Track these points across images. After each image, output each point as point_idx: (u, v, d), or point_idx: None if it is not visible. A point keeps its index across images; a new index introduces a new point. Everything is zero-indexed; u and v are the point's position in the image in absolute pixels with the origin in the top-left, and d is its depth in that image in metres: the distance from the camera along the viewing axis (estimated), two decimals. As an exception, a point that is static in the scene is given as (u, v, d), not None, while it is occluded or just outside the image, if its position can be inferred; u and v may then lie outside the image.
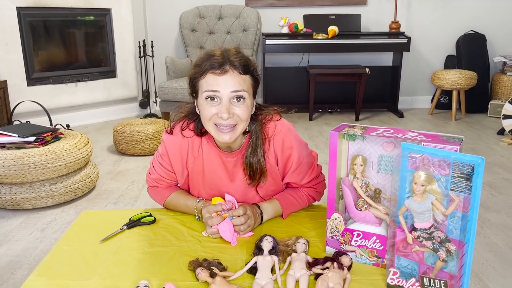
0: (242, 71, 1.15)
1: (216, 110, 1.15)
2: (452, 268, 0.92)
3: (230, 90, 1.14)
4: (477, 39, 4.74)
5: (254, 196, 1.33)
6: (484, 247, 2.02)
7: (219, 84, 1.13)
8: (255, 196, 1.33)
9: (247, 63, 1.17)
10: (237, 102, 1.16)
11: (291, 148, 1.27)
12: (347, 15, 4.64)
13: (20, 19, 3.86)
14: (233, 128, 1.17)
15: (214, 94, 1.14)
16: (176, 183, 1.45)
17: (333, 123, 4.42)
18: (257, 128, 1.24)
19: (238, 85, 1.14)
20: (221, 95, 1.14)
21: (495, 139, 3.76)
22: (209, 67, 1.14)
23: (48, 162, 2.38)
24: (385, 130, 1.07)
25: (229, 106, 1.14)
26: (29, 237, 2.16)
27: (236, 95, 1.15)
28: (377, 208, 1.07)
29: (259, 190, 1.31)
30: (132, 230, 1.30)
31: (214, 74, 1.14)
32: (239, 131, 1.18)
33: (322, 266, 1.02)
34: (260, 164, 1.24)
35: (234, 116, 1.15)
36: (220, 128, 1.17)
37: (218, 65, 1.14)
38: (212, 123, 1.17)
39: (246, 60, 1.18)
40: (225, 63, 1.14)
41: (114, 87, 4.56)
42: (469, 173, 0.87)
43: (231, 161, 1.29)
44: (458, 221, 0.90)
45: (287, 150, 1.27)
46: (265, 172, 1.26)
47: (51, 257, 1.17)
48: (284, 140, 1.26)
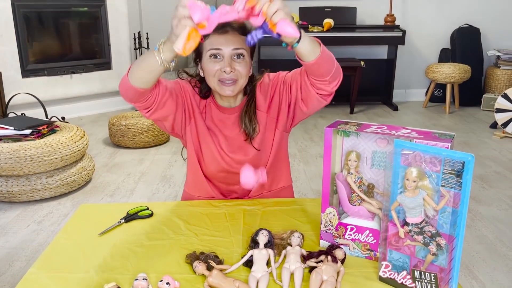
0: (240, 32, 1.28)
1: (220, 66, 1.27)
2: (442, 261, 0.95)
3: (232, 47, 1.26)
4: (472, 32, 4.77)
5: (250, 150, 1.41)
6: (475, 240, 2.07)
7: (221, 43, 1.26)
8: (251, 150, 1.41)
9: (245, 26, 1.31)
10: (238, 59, 1.28)
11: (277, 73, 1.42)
12: (342, 8, 4.65)
13: (14, 11, 3.84)
14: (235, 82, 1.29)
15: (217, 52, 1.27)
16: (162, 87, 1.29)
17: (328, 116, 4.45)
18: (253, 91, 1.39)
19: (238, 43, 1.27)
20: (223, 52, 1.26)
21: (487, 133, 3.81)
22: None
23: (44, 155, 2.39)
24: (378, 126, 1.09)
25: (231, 62, 1.27)
26: (26, 229, 2.18)
27: (236, 53, 1.27)
28: (370, 203, 1.10)
29: (254, 143, 1.40)
30: (129, 223, 1.32)
31: (217, 34, 1.26)
32: (240, 85, 1.30)
33: (316, 259, 1.05)
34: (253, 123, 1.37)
35: (235, 71, 1.28)
36: (223, 83, 1.29)
37: (220, 26, 1.20)
38: (216, 79, 1.28)
39: (244, 24, 1.31)
40: (226, 25, 1.26)
41: (109, 79, 4.55)
42: (460, 170, 0.90)
43: (231, 117, 1.40)
44: (448, 216, 0.93)
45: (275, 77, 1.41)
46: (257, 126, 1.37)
47: (51, 250, 1.18)
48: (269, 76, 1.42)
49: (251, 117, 1.38)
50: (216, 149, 1.42)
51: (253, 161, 1.42)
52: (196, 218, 1.34)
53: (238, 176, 1.43)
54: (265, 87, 1.41)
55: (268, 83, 1.41)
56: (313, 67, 1.17)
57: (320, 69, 1.19)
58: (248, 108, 1.39)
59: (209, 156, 1.43)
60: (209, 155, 1.43)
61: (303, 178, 2.78)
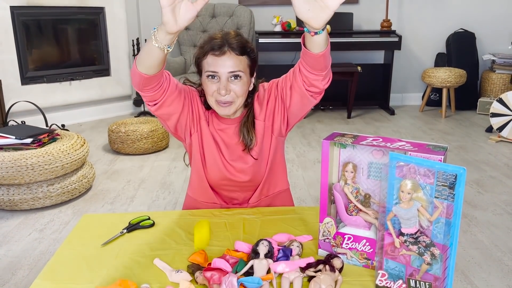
0: (239, 52, 1.30)
1: (216, 87, 1.30)
2: (436, 270, 0.98)
3: (228, 70, 1.29)
4: (467, 37, 4.82)
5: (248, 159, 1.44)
6: (470, 245, 2.10)
7: (217, 65, 1.28)
8: (250, 158, 1.44)
9: (244, 45, 1.31)
10: (234, 80, 1.30)
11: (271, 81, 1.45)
12: (339, 14, 4.69)
13: (13, 18, 3.87)
14: (230, 104, 1.32)
15: (213, 73, 1.30)
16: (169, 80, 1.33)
17: (326, 120, 4.48)
18: (251, 103, 1.42)
19: (234, 66, 1.29)
20: (220, 74, 1.29)
21: (483, 137, 3.85)
22: (210, 49, 1.29)
23: (45, 164, 2.42)
24: (374, 138, 1.12)
25: (226, 84, 1.29)
26: (28, 237, 2.21)
27: (233, 75, 1.29)
28: (366, 213, 1.13)
29: (252, 152, 1.43)
30: (132, 233, 1.35)
31: (214, 56, 1.29)
32: (237, 105, 1.34)
33: (314, 269, 1.08)
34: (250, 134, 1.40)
35: (231, 93, 1.30)
36: (220, 103, 1.32)
37: (217, 47, 1.28)
38: (214, 99, 1.32)
39: (243, 42, 1.32)
40: (224, 45, 1.28)
41: (108, 86, 4.58)
42: (452, 182, 0.93)
43: (232, 127, 1.43)
44: (442, 226, 0.96)
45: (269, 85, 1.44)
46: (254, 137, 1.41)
47: (55, 260, 1.21)
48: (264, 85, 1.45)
49: (248, 129, 1.41)
50: (219, 157, 1.46)
51: (252, 169, 1.46)
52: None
53: (239, 184, 1.47)
54: (261, 97, 1.44)
55: (263, 93, 1.44)
56: (320, 59, 1.16)
57: (323, 61, 1.19)
58: (246, 119, 1.42)
59: (213, 164, 1.46)
60: (213, 163, 1.46)
61: (301, 184, 2.81)
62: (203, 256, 1.17)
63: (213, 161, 1.46)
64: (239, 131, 1.42)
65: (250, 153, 1.44)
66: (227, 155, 1.46)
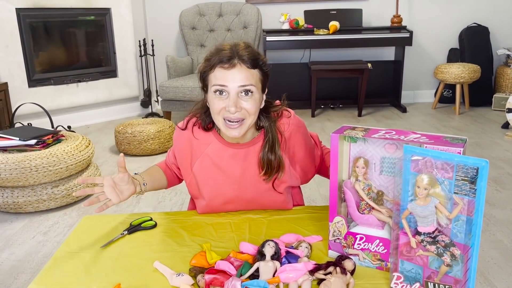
0: (250, 65, 1.16)
1: (224, 104, 1.16)
2: (457, 272, 0.90)
3: (238, 84, 1.15)
4: (480, 31, 4.70)
5: (267, 190, 1.31)
6: (490, 245, 2.01)
7: (227, 79, 1.14)
8: (269, 189, 1.30)
9: (255, 57, 1.17)
10: (245, 96, 1.16)
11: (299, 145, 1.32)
12: (348, 10, 4.61)
13: (19, 21, 3.85)
14: (241, 123, 1.18)
15: (222, 88, 1.16)
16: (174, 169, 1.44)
17: (336, 119, 4.40)
18: (272, 126, 1.26)
19: (245, 79, 1.15)
20: (229, 89, 1.15)
21: (499, 133, 3.73)
22: (218, 61, 1.16)
23: (49, 165, 2.38)
24: (386, 131, 1.05)
25: (236, 100, 1.15)
26: (31, 240, 2.16)
27: (243, 89, 1.15)
28: (379, 211, 1.05)
29: (275, 185, 1.30)
30: (132, 235, 1.29)
31: (223, 68, 1.15)
32: (247, 125, 1.19)
33: (324, 271, 1.01)
34: (278, 160, 1.26)
35: (242, 110, 1.16)
36: (228, 123, 1.18)
37: (226, 59, 1.15)
38: (221, 117, 1.18)
39: (255, 54, 1.18)
40: (234, 57, 1.15)
41: (115, 87, 4.55)
42: (473, 176, 0.85)
43: (241, 153, 1.28)
44: (463, 224, 0.88)
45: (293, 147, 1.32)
46: (283, 167, 1.27)
47: (52, 264, 1.16)
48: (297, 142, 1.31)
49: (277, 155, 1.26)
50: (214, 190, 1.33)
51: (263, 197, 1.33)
52: (201, 228, 1.30)
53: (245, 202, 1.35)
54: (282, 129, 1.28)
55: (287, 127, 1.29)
56: None
57: None
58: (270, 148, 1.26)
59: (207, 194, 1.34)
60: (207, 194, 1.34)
61: (311, 184, 2.74)
62: (205, 258, 1.10)
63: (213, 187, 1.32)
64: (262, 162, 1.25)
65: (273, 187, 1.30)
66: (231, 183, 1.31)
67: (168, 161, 1.45)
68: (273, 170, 1.26)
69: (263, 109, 1.26)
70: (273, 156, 1.24)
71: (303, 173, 1.39)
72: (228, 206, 1.36)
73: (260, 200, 1.33)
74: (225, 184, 1.31)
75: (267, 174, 1.26)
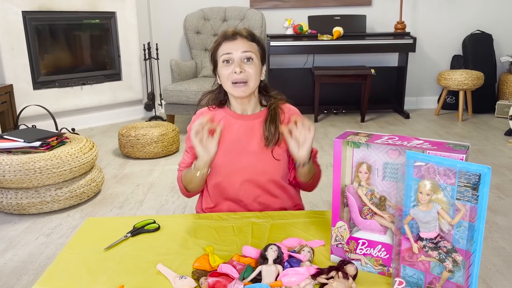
0: (250, 38, 1.44)
1: (231, 69, 1.40)
2: (459, 278, 0.91)
3: (241, 50, 1.40)
4: (484, 38, 4.71)
5: (268, 158, 1.46)
6: (492, 252, 2.00)
7: (231, 48, 1.40)
8: (270, 158, 1.46)
9: (253, 34, 1.46)
10: (247, 62, 1.41)
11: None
12: (352, 16, 4.62)
13: (25, 23, 3.88)
14: (246, 84, 1.40)
15: (228, 56, 1.40)
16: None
17: (339, 124, 4.41)
18: (275, 104, 1.50)
19: (246, 47, 1.41)
20: (234, 56, 1.40)
21: (502, 140, 3.73)
22: (223, 38, 1.44)
23: (53, 167, 2.39)
24: (389, 137, 1.05)
25: (240, 63, 1.39)
26: (34, 242, 2.17)
27: (245, 56, 1.40)
28: (382, 216, 1.06)
29: (274, 153, 1.46)
30: (136, 237, 1.30)
31: (228, 41, 1.42)
32: (251, 87, 1.41)
33: (326, 276, 1.01)
34: (277, 131, 1.45)
35: (245, 72, 1.39)
36: (235, 84, 1.40)
37: (230, 34, 1.43)
38: (230, 81, 1.40)
39: (252, 32, 1.47)
40: (236, 34, 1.43)
41: (120, 90, 4.57)
42: (476, 183, 0.86)
43: (248, 124, 1.48)
44: (465, 231, 0.89)
45: None
46: (281, 137, 1.45)
47: (55, 266, 1.16)
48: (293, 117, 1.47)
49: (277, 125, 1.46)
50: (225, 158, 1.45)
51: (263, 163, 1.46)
52: (204, 231, 1.31)
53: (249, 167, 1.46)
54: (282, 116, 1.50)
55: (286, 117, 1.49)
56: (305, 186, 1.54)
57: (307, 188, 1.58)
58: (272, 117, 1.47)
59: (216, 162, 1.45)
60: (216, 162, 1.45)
61: (313, 188, 2.74)
62: (208, 261, 1.11)
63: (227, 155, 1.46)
64: (264, 129, 1.46)
65: (272, 154, 1.45)
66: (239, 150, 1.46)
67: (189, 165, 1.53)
68: (273, 139, 1.45)
69: (264, 89, 1.51)
70: (274, 127, 1.45)
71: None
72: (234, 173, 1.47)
73: (260, 165, 1.47)
74: (232, 149, 1.46)
75: (268, 142, 1.45)
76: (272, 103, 1.50)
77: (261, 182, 1.47)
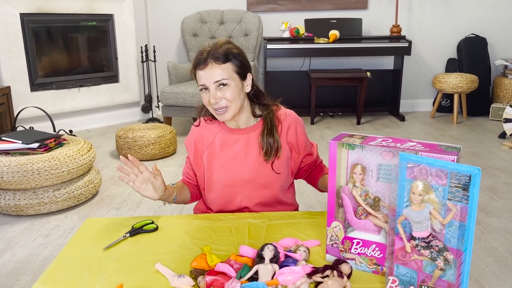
0: (221, 61, 1.36)
1: (209, 98, 1.37)
2: (450, 276, 0.93)
3: (213, 81, 1.35)
4: (478, 42, 4.76)
5: (268, 173, 1.45)
6: (485, 252, 2.03)
7: (203, 78, 1.36)
8: (270, 172, 1.44)
9: (226, 53, 1.36)
10: (222, 87, 1.36)
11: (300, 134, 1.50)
12: (348, 19, 4.66)
13: (23, 25, 3.89)
14: (226, 109, 1.38)
15: (202, 86, 1.38)
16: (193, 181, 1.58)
17: (335, 127, 4.44)
18: (270, 114, 1.46)
19: (218, 75, 1.35)
20: (208, 86, 1.36)
21: (496, 143, 3.77)
22: (196, 65, 1.38)
23: (51, 169, 2.40)
24: (383, 139, 1.08)
25: (215, 93, 1.36)
26: (33, 243, 2.18)
27: (218, 84, 1.35)
28: (376, 216, 1.08)
29: (274, 166, 1.45)
30: (134, 237, 1.32)
31: (200, 70, 1.37)
32: (233, 109, 1.38)
33: (322, 275, 1.03)
34: (276, 143, 1.43)
35: (222, 100, 1.36)
36: (217, 111, 1.39)
37: (201, 61, 1.36)
38: (211, 108, 1.40)
39: (227, 51, 1.37)
40: (207, 58, 1.35)
41: (117, 92, 4.59)
42: (466, 183, 0.89)
43: (244, 138, 1.45)
44: (456, 230, 0.91)
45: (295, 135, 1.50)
46: (281, 149, 1.44)
47: (56, 265, 1.18)
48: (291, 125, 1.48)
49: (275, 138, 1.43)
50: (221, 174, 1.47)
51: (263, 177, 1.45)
52: (202, 231, 1.33)
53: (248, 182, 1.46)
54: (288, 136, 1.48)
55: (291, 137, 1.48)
56: None
57: None
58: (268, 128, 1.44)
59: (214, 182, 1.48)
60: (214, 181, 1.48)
61: (309, 190, 2.77)
62: (206, 260, 1.13)
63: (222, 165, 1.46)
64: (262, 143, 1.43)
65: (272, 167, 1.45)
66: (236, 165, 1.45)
67: (187, 174, 1.58)
68: (272, 152, 1.43)
69: (256, 98, 1.46)
70: (272, 139, 1.42)
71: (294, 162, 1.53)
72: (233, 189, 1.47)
73: (260, 180, 1.45)
74: (231, 165, 1.45)
75: (267, 156, 1.43)
76: (268, 113, 1.45)
77: (261, 197, 1.47)
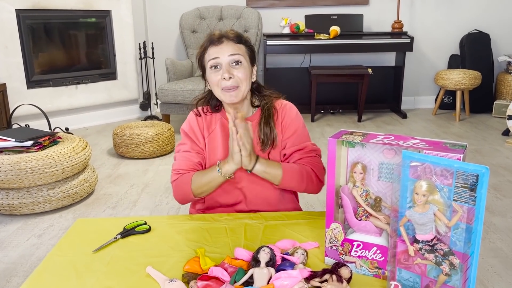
0: (236, 41, 1.37)
1: (220, 75, 1.34)
2: (456, 282, 0.88)
3: (228, 54, 1.34)
4: (481, 38, 4.70)
5: None
6: (489, 253, 1.98)
7: (218, 52, 1.34)
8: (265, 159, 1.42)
9: (239, 35, 1.40)
10: (236, 65, 1.35)
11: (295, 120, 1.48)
12: (349, 15, 4.60)
13: (19, 22, 3.84)
14: (236, 88, 1.35)
15: (215, 61, 1.34)
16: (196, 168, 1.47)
17: (335, 124, 4.38)
18: (269, 104, 1.45)
19: (233, 50, 1.35)
20: (221, 60, 1.34)
21: (500, 140, 3.71)
22: (209, 43, 1.37)
23: (45, 167, 2.35)
24: (385, 136, 1.03)
25: (229, 68, 1.34)
26: (25, 243, 2.14)
27: (233, 59, 1.34)
28: (377, 218, 1.03)
29: (270, 156, 1.44)
30: (126, 239, 1.27)
31: (214, 46, 1.35)
32: (242, 90, 1.36)
33: (320, 279, 0.98)
34: (272, 132, 1.42)
35: (235, 77, 1.34)
36: (225, 90, 1.35)
37: (216, 38, 1.37)
38: (219, 88, 1.35)
39: (239, 34, 1.41)
40: (222, 37, 1.37)
41: (115, 89, 4.54)
42: (473, 183, 0.83)
43: None
44: (462, 233, 0.86)
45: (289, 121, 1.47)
46: (277, 138, 1.43)
47: (43, 268, 1.14)
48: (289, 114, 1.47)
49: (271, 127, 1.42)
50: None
51: None
52: (196, 233, 1.28)
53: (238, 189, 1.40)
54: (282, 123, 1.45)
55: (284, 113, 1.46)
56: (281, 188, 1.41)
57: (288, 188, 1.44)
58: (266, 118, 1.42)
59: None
60: None
61: (309, 189, 2.72)
62: (199, 264, 1.08)
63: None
64: (259, 132, 1.42)
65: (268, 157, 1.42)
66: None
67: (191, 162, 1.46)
68: (269, 142, 1.42)
69: (257, 90, 1.46)
70: (269, 129, 1.41)
71: None
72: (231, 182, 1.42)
73: None
74: None
75: (264, 145, 1.42)
76: (266, 103, 1.44)
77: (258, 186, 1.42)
